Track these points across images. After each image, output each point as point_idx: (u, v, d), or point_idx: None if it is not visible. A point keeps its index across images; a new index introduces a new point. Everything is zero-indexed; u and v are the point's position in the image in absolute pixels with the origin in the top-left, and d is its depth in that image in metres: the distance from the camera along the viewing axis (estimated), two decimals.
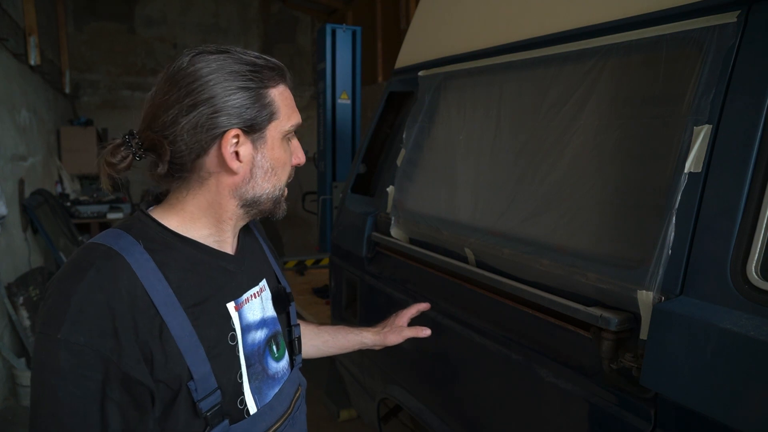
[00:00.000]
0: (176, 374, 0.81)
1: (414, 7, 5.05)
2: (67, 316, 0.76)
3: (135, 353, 0.78)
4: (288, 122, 0.92)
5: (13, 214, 3.91)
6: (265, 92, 0.88)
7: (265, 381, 0.96)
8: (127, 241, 0.83)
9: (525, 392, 1.32)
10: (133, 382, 0.78)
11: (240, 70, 0.85)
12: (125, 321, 0.78)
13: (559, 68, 1.39)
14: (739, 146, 0.93)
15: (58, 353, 0.76)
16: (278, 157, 0.92)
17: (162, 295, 0.82)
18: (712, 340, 0.86)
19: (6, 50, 4.03)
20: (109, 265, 0.80)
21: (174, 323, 0.82)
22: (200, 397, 0.83)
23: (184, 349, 0.82)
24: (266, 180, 0.91)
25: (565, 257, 1.23)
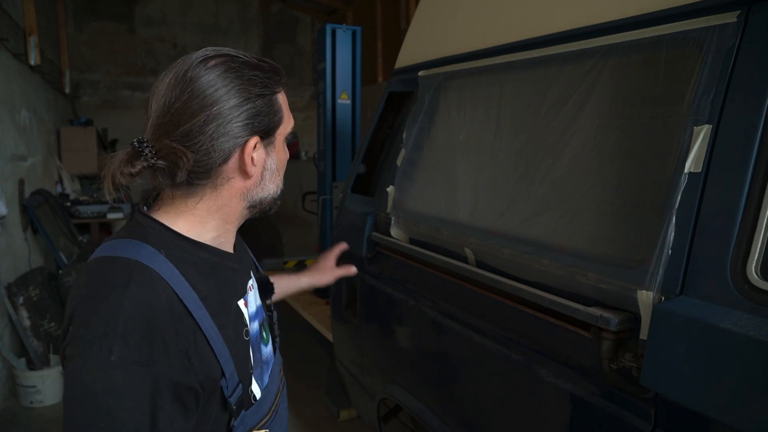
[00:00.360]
0: (212, 377, 0.85)
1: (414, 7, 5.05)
2: (118, 336, 0.76)
3: (182, 362, 0.80)
4: (289, 124, 0.95)
5: (13, 214, 3.91)
6: (275, 98, 0.90)
7: (261, 367, 1.01)
8: (150, 252, 0.83)
9: (525, 392, 1.32)
10: (184, 389, 0.80)
11: (255, 76, 0.86)
12: (171, 333, 0.79)
13: (559, 68, 1.39)
14: (739, 146, 0.93)
15: (114, 374, 0.75)
16: (282, 158, 0.96)
17: (192, 301, 0.83)
18: (712, 340, 0.86)
19: (6, 50, 4.03)
20: (145, 279, 0.80)
21: (206, 327, 0.84)
22: (229, 394, 0.87)
23: (217, 352, 0.85)
24: (272, 181, 0.94)
25: (565, 257, 1.23)
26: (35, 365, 3.45)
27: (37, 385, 3.32)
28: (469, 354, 1.52)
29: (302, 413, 3.22)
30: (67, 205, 5.60)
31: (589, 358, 1.14)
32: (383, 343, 2.03)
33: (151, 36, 8.34)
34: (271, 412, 1.02)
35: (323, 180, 4.41)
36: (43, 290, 3.73)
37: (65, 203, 5.62)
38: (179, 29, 8.48)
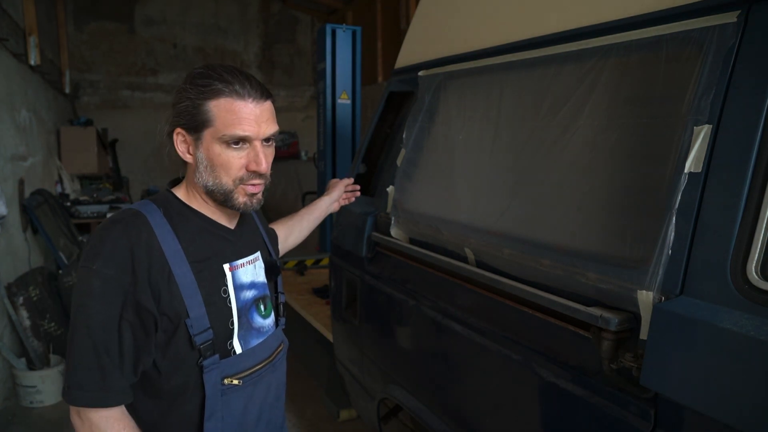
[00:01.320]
0: (177, 311, 1.07)
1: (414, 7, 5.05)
2: (102, 254, 1.04)
3: (146, 288, 1.04)
4: (223, 130, 1.08)
5: (13, 214, 3.91)
6: (203, 103, 1.08)
7: (249, 331, 1.20)
8: (151, 208, 1.12)
9: (525, 392, 1.32)
10: (143, 309, 1.05)
11: (194, 85, 1.09)
12: (142, 262, 1.04)
13: (559, 68, 1.39)
14: (739, 146, 0.93)
15: (93, 280, 1.03)
16: (213, 157, 1.11)
17: (172, 249, 1.08)
18: (712, 340, 0.86)
19: (6, 50, 4.03)
20: (135, 221, 1.08)
21: (179, 272, 1.07)
22: (195, 333, 1.08)
23: (185, 293, 1.07)
24: (208, 174, 1.12)
25: (565, 257, 1.23)
26: (35, 365, 3.45)
27: (37, 385, 3.32)
28: (469, 354, 1.52)
29: (302, 413, 3.22)
30: (67, 205, 5.60)
31: (589, 358, 1.14)
32: (383, 343, 2.03)
33: (151, 36, 8.34)
34: (252, 371, 1.19)
35: (323, 180, 4.41)
36: (43, 290, 3.73)
37: (65, 203, 5.62)
38: (179, 29, 8.48)
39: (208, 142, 1.10)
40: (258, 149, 1.11)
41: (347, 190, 1.96)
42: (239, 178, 1.12)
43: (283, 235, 1.67)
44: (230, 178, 1.12)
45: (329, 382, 2.98)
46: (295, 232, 1.74)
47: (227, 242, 1.19)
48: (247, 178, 1.12)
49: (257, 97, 1.10)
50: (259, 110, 1.10)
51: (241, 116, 1.08)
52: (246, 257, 1.23)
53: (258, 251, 1.29)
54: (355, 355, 2.27)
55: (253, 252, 1.26)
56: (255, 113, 1.09)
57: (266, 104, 1.12)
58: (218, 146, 1.10)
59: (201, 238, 1.15)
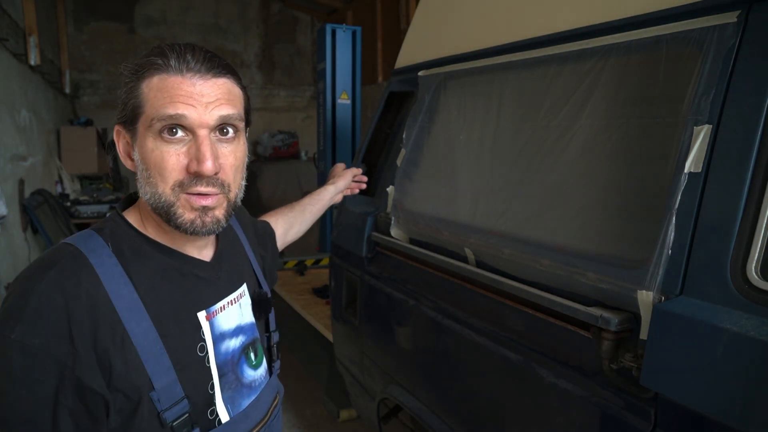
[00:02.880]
0: (135, 385, 0.78)
1: (414, 7, 5.05)
2: (24, 317, 0.73)
3: (91, 360, 0.75)
4: (152, 114, 0.80)
5: (13, 214, 3.91)
6: (136, 85, 0.81)
7: (238, 390, 0.93)
8: (97, 243, 0.81)
9: (525, 392, 1.32)
10: (87, 390, 0.75)
11: (133, 65, 0.83)
12: (83, 326, 0.75)
13: (559, 68, 1.39)
14: (739, 146, 0.92)
15: (12, 355, 0.72)
16: (145, 157, 0.82)
17: (126, 301, 0.79)
18: (712, 340, 0.86)
19: (6, 50, 4.03)
20: (73, 267, 0.77)
21: (137, 331, 0.79)
22: (164, 408, 0.80)
23: (146, 359, 0.79)
24: (145, 183, 0.83)
25: (565, 257, 1.23)
26: None
27: None
28: (469, 354, 1.52)
29: (302, 413, 3.22)
30: (67, 205, 5.61)
31: (589, 358, 1.14)
32: (383, 343, 2.03)
33: (151, 36, 8.34)
34: None
35: (323, 180, 4.41)
36: None
37: (65, 203, 5.62)
38: (179, 29, 8.48)
39: (142, 135, 0.82)
40: (201, 140, 0.80)
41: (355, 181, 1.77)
42: (178, 183, 0.81)
43: (283, 229, 1.43)
44: (167, 184, 0.81)
45: (329, 382, 2.98)
46: (296, 226, 1.50)
47: (201, 282, 0.90)
48: (188, 183, 0.81)
49: (202, 72, 0.81)
50: (205, 87, 0.81)
51: (173, 93, 0.79)
52: (228, 296, 0.94)
53: (244, 283, 1.00)
54: (355, 355, 2.27)
55: (237, 286, 0.97)
56: (196, 91, 0.80)
57: (218, 81, 0.82)
58: (150, 139, 0.80)
59: (165, 282, 0.85)
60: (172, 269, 0.87)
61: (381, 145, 2.37)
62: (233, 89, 0.85)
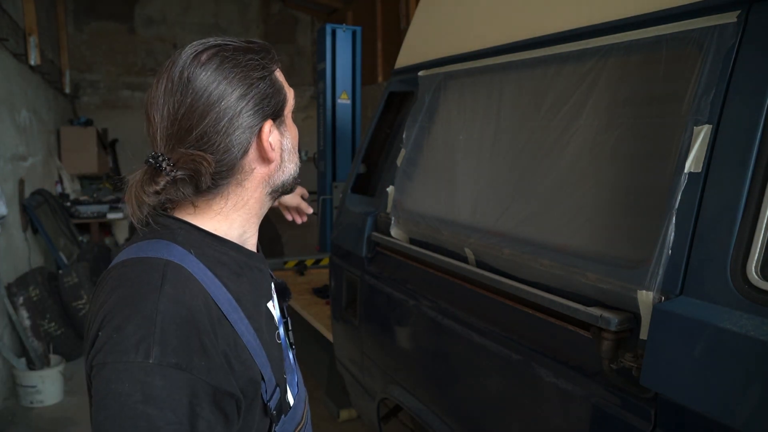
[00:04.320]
0: (253, 380, 0.81)
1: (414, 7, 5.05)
2: (156, 339, 0.71)
3: (222, 365, 0.75)
4: (292, 98, 0.91)
5: (13, 214, 3.91)
6: (274, 77, 0.86)
7: (291, 373, 0.98)
8: (180, 252, 0.79)
9: (525, 392, 1.32)
10: (224, 395, 0.75)
11: (251, 60, 0.83)
12: (209, 334, 0.75)
13: (559, 68, 1.39)
14: (739, 146, 0.93)
15: (153, 380, 0.70)
16: (294, 135, 0.93)
17: (226, 302, 0.80)
18: (712, 340, 0.86)
19: (6, 50, 4.03)
20: (180, 279, 0.76)
21: (242, 330, 0.81)
22: (268, 398, 0.84)
23: (254, 354, 0.81)
24: (291, 161, 0.91)
25: (565, 257, 1.23)
26: (35, 365, 3.45)
27: (37, 385, 3.32)
28: (469, 354, 1.52)
29: None
30: (67, 205, 5.60)
31: (589, 358, 1.14)
32: (383, 343, 2.03)
33: (151, 36, 8.34)
34: (304, 418, 0.99)
35: (323, 180, 4.41)
36: (43, 290, 3.73)
37: (65, 203, 5.62)
38: (179, 29, 8.48)
39: (288, 120, 0.91)
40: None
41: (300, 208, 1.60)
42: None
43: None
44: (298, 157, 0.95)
45: (329, 382, 2.98)
46: None
47: (262, 273, 0.94)
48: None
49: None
50: None
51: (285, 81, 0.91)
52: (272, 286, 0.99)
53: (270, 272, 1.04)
54: (355, 355, 2.27)
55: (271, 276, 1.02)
56: None
57: None
58: (288, 122, 0.92)
59: (243, 278, 0.87)
60: (244, 265, 0.89)
61: (381, 145, 2.37)
62: None
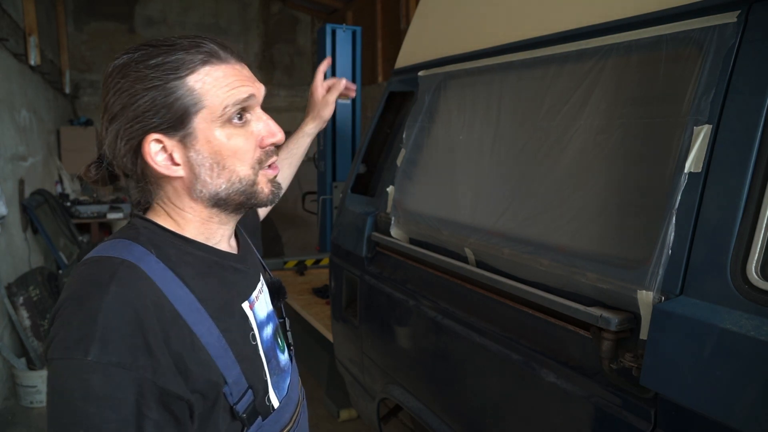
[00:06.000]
0: (213, 382, 0.80)
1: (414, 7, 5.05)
2: (97, 336, 0.71)
3: (170, 367, 0.75)
4: (222, 104, 0.81)
5: (13, 214, 3.91)
6: (180, 83, 0.80)
7: (280, 375, 0.96)
8: (140, 251, 0.80)
9: (525, 392, 1.32)
10: (173, 397, 0.75)
11: (145, 68, 0.79)
12: (156, 335, 0.74)
13: (559, 68, 1.39)
14: (739, 146, 0.93)
15: (91, 377, 0.71)
16: (219, 149, 0.83)
17: (185, 303, 0.80)
18: (712, 340, 0.86)
19: (6, 50, 4.03)
20: (131, 277, 0.76)
21: (203, 331, 0.80)
22: (236, 400, 0.83)
23: (216, 356, 0.81)
24: (216, 176, 0.84)
25: (565, 257, 1.23)
26: (35, 365, 3.45)
27: (37, 385, 3.32)
28: (469, 354, 1.52)
29: None
30: (67, 205, 5.61)
31: (589, 358, 1.14)
32: (383, 343, 2.03)
33: (151, 36, 8.24)
34: (292, 422, 0.97)
35: (323, 180, 4.41)
36: (43, 290, 3.73)
37: (65, 203, 5.62)
38: (179, 29, 8.47)
39: (206, 131, 0.82)
40: (266, 115, 0.88)
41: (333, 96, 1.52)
42: (257, 160, 0.87)
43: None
44: (248, 166, 0.85)
45: (329, 382, 2.99)
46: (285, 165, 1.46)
47: (239, 273, 0.93)
48: (265, 157, 0.88)
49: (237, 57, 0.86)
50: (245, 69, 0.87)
51: (234, 78, 0.83)
52: (258, 285, 0.98)
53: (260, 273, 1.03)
54: (355, 355, 2.27)
55: (260, 276, 1.01)
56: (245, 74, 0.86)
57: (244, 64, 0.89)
58: (221, 130, 0.82)
59: (212, 278, 0.87)
60: (215, 265, 0.88)
61: (381, 145, 2.37)
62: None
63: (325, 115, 1.50)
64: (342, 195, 2.42)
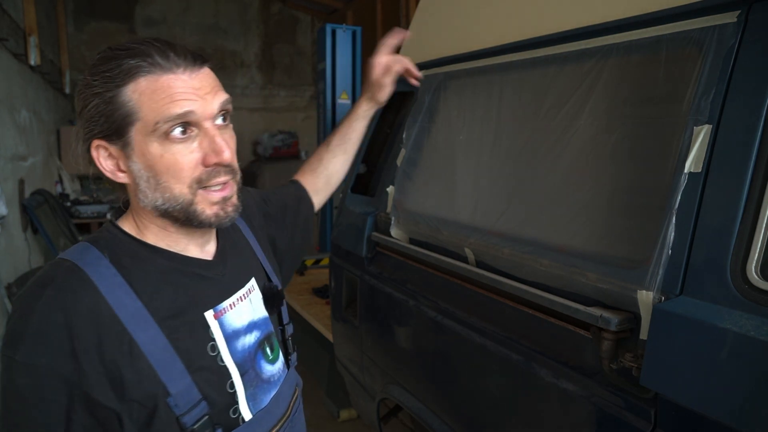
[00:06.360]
0: (150, 392, 0.78)
1: (414, 7, 5.05)
2: (26, 338, 0.73)
3: (98, 374, 0.75)
4: (156, 117, 0.78)
5: (13, 214, 3.91)
6: (118, 92, 0.78)
7: (259, 387, 0.92)
8: (93, 255, 0.80)
9: (525, 392, 1.32)
10: (97, 405, 0.75)
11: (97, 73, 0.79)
12: (86, 341, 0.74)
13: (559, 68, 1.39)
14: (739, 146, 0.93)
15: (17, 377, 0.73)
16: (152, 164, 0.80)
17: (129, 310, 0.78)
18: (712, 340, 0.86)
19: (6, 50, 4.03)
20: (70, 282, 0.77)
21: (144, 339, 0.78)
22: (182, 412, 0.80)
23: (158, 365, 0.78)
24: (152, 190, 0.81)
25: (565, 257, 1.23)
26: None
27: None
28: (469, 354, 1.52)
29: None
30: (67, 205, 5.61)
31: (589, 358, 1.14)
32: (383, 343, 2.03)
33: (151, 36, 8.33)
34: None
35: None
36: None
37: (65, 203, 5.63)
38: (179, 29, 8.48)
39: (141, 143, 0.79)
40: (213, 132, 0.81)
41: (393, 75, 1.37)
42: (196, 180, 0.81)
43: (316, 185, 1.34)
44: (184, 184, 0.81)
45: (329, 382, 2.99)
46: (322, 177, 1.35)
47: (205, 281, 0.89)
48: (207, 177, 0.82)
49: (189, 65, 0.80)
50: (197, 80, 0.80)
51: (172, 91, 0.78)
52: (236, 293, 0.93)
53: (252, 277, 0.99)
54: (355, 355, 2.27)
55: (244, 282, 0.96)
56: (192, 85, 0.80)
57: (204, 71, 0.82)
58: (156, 144, 0.79)
59: (168, 285, 0.84)
60: (173, 272, 0.86)
61: (381, 145, 2.37)
62: (214, 76, 0.85)
63: (380, 98, 1.37)
64: (342, 195, 2.41)
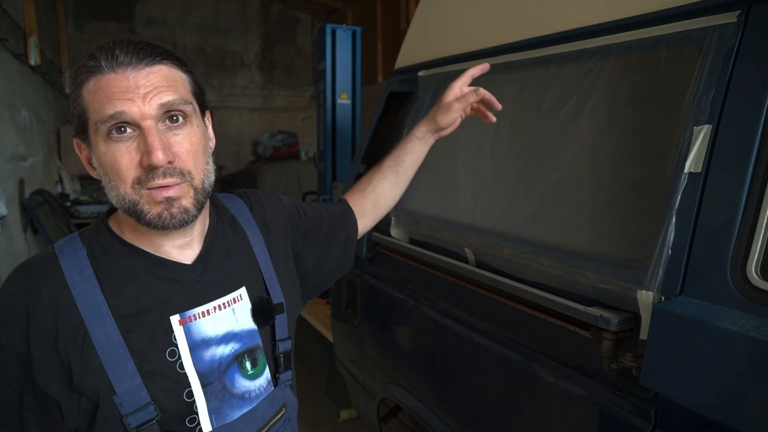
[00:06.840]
0: (94, 387, 0.79)
1: (414, 7, 5.05)
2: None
3: (46, 361, 0.78)
4: (95, 117, 0.79)
5: (13, 214, 3.91)
6: (78, 93, 0.81)
7: (226, 401, 0.88)
8: (74, 246, 0.85)
9: (525, 392, 1.32)
10: (38, 390, 0.79)
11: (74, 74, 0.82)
12: (41, 326, 0.78)
13: (559, 68, 1.39)
14: (739, 146, 0.93)
15: None
16: (101, 162, 0.81)
17: (91, 302, 0.80)
18: (712, 340, 0.86)
19: (6, 50, 4.03)
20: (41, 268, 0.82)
21: (98, 333, 0.79)
22: (127, 412, 0.79)
23: (107, 362, 0.79)
24: (109, 188, 0.82)
25: (565, 257, 1.23)
26: None
27: None
28: (469, 354, 1.52)
29: (302, 413, 3.22)
30: (67, 205, 5.60)
31: (589, 358, 1.14)
32: (383, 343, 2.03)
33: (151, 36, 8.33)
34: None
35: (323, 180, 4.41)
36: None
37: (65, 203, 5.62)
38: (179, 29, 8.48)
39: (94, 142, 0.81)
40: (147, 132, 0.78)
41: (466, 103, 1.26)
42: (136, 180, 0.80)
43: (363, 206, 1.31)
44: (126, 183, 0.80)
45: (329, 382, 2.98)
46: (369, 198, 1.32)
47: (177, 285, 0.87)
48: (146, 178, 0.79)
49: (133, 63, 0.79)
50: (139, 79, 0.78)
51: (109, 92, 0.78)
52: (214, 301, 0.89)
53: (242, 286, 0.94)
54: (355, 355, 2.27)
55: (229, 290, 0.92)
56: (131, 84, 0.78)
57: (152, 69, 0.80)
58: (102, 143, 0.80)
59: (134, 284, 0.84)
60: (143, 272, 0.86)
61: (381, 145, 2.37)
62: (172, 74, 0.82)
63: (441, 121, 1.27)
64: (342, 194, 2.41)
